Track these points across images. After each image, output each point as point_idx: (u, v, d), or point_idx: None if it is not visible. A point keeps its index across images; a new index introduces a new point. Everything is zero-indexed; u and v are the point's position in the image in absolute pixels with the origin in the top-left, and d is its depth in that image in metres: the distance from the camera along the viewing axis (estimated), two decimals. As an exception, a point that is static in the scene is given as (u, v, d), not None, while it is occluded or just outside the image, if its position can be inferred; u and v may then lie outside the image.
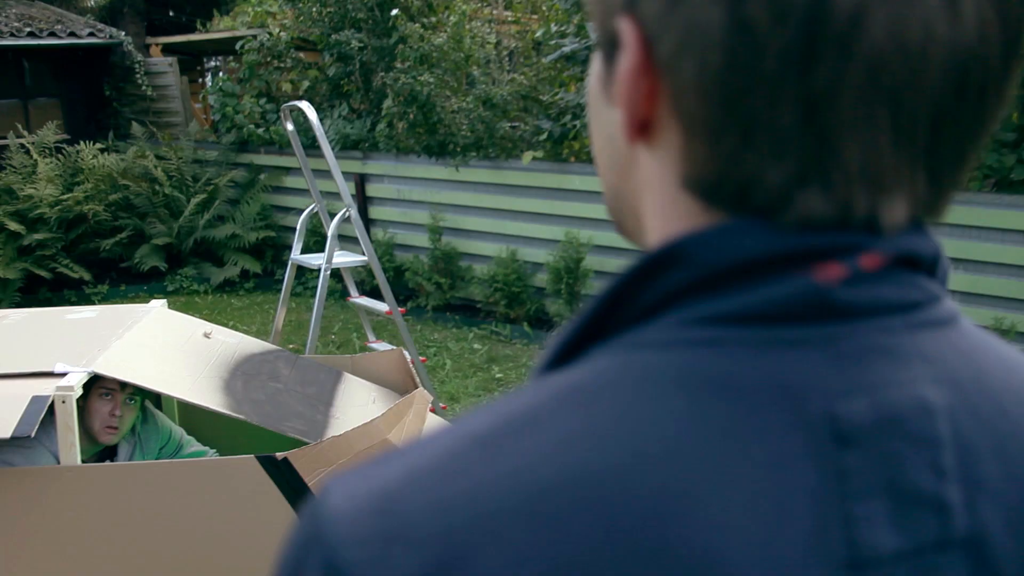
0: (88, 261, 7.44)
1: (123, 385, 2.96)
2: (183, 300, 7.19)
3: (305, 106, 4.31)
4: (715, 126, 0.41)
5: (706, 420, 0.40)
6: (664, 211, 0.46)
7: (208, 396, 2.94)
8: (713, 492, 0.38)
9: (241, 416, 2.89)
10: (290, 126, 4.61)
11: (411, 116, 6.60)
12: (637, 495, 0.38)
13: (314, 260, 4.43)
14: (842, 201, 0.41)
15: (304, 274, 6.89)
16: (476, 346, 5.99)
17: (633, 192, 0.48)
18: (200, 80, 10.00)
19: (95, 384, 2.96)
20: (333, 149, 6.99)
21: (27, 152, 7.75)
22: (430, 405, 4.16)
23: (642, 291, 0.43)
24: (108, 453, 3.11)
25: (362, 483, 0.41)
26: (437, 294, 6.59)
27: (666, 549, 0.37)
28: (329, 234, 4.35)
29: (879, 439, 0.40)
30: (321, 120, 7.18)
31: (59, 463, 2.80)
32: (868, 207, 0.41)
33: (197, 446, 3.37)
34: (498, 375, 5.46)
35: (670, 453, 0.39)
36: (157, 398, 3.59)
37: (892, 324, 0.42)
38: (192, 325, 3.43)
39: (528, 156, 6.08)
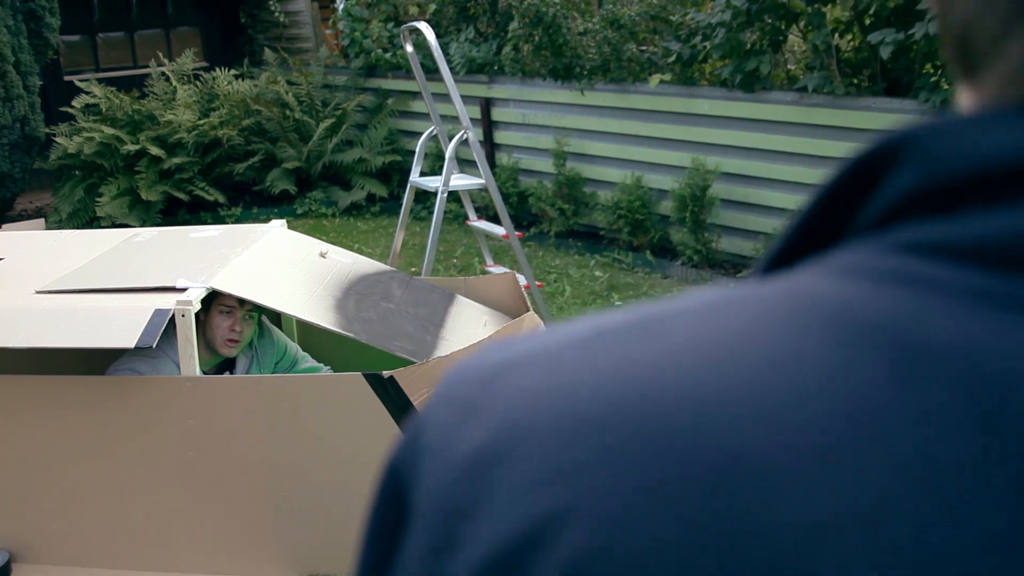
0: (223, 184, 7.68)
1: (242, 302, 3.03)
2: (311, 223, 7.35)
3: (424, 27, 4.27)
4: None
5: (844, 383, 0.30)
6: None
7: (320, 314, 2.98)
8: (825, 487, 0.29)
9: (351, 334, 2.93)
10: (409, 48, 4.58)
11: (536, 38, 6.47)
12: (692, 443, 0.31)
13: (432, 183, 4.42)
14: None
15: (428, 198, 6.93)
16: (597, 273, 5.92)
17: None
18: (331, 5, 10.07)
19: (215, 300, 3.05)
20: (458, 73, 6.95)
21: (167, 79, 8.01)
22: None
23: (859, 197, 0.35)
24: (227, 365, 3.20)
25: (494, 354, 0.39)
26: (560, 220, 6.53)
27: (746, 532, 0.29)
28: (447, 156, 4.33)
29: None
30: (447, 44, 7.14)
31: (180, 372, 2.90)
32: None
33: (312, 362, 3.44)
34: (618, 303, 5.39)
35: (782, 417, 0.30)
36: (277, 315, 3.67)
37: None
38: (309, 245, 3.48)
39: (655, 79, 5.89)
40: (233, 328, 3.07)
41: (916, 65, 4.94)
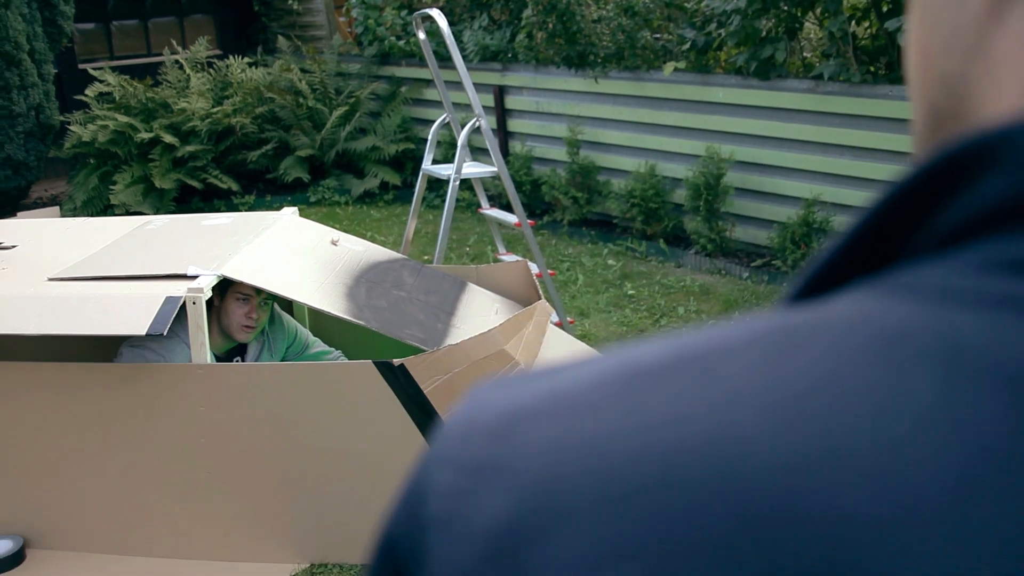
0: (236, 172, 7.69)
1: (258, 289, 3.04)
2: (324, 211, 7.35)
3: (436, 14, 4.25)
4: None
5: (964, 431, 0.25)
6: None
7: (331, 301, 2.98)
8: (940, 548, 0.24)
9: (362, 322, 2.92)
10: (422, 34, 4.56)
11: (550, 26, 6.44)
12: (793, 513, 0.25)
13: (444, 170, 4.40)
14: None
15: (442, 186, 6.91)
16: (610, 262, 5.90)
17: (980, 79, 0.31)
18: (345, -7, 10.05)
19: (232, 288, 3.06)
20: (471, 61, 6.92)
21: (181, 67, 8.01)
22: (556, 319, 4.12)
23: (939, 206, 0.29)
24: (238, 350, 3.21)
25: (498, 397, 0.32)
26: (573, 208, 6.50)
27: None
28: (459, 144, 4.31)
29: None
30: (460, 31, 7.11)
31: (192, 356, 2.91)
32: None
33: (322, 347, 3.45)
34: (630, 292, 5.37)
35: (899, 478, 0.25)
36: (288, 302, 3.67)
37: None
38: (320, 232, 3.47)
39: (670, 67, 5.85)
40: (249, 315, 3.09)
41: (934, 52, 4.88)
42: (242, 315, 3.08)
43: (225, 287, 3.05)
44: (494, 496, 0.29)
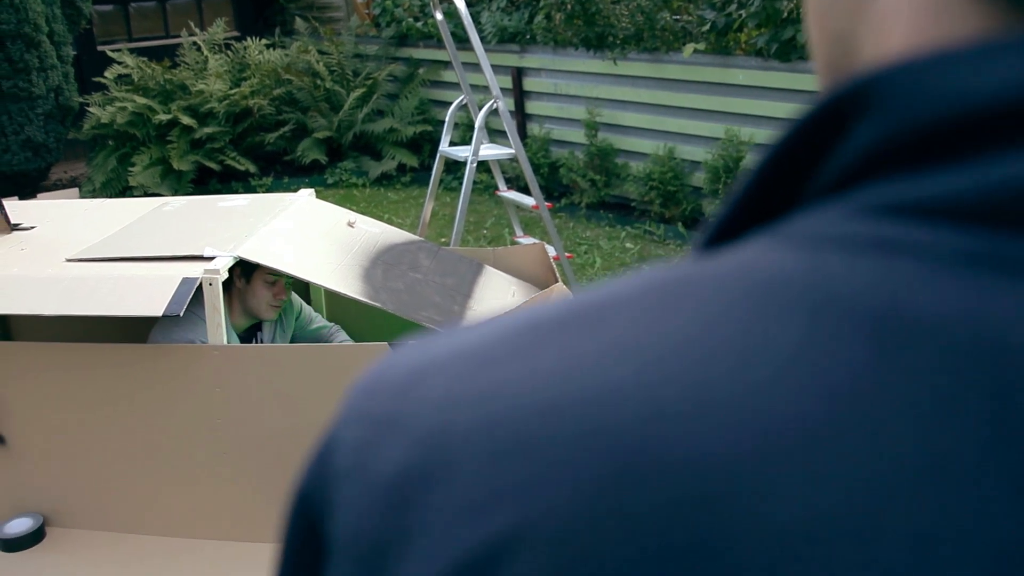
0: (254, 154, 7.69)
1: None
2: (342, 193, 7.35)
3: (454, -7, 4.22)
4: None
5: (822, 374, 0.26)
6: (919, 24, 0.29)
7: (348, 283, 2.97)
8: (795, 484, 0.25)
9: (378, 304, 2.91)
10: (439, 15, 4.54)
11: (569, 7, 6.39)
12: (658, 458, 0.26)
13: (462, 152, 4.38)
14: None
15: (459, 168, 6.90)
16: (628, 245, 5.87)
17: (866, 35, 0.32)
18: (363, -26, 10.02)
19: (258, 270, 3.09)
20: (489, 42, 6.89)
21: (199, 49, 8.01)
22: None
23: (821, 153, 0.30)
24: (256, 326, 3.26)
25: (410, 357, 0.34)
26: (591, 191, 6.47)
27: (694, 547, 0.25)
28: (476, 126, 4.29)
29: None
30: (478, 12, 7.07)
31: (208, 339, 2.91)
32: None
33: (322, 322, 3.52)
34: (648, 275, 5.34)
35: (752, 415, 0.26)
36: (305, 284, 3.68)
37: None
38: (337, 214, 3.46)
39: (689, 49, 5.80)
40: (278, 296, 3.18)
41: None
42: (271, 296, 3.16)
43: (251, 270, 3.10)
44: (392, 447, 0.31)
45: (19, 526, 3.12)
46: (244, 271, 3.08)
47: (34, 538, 3.12)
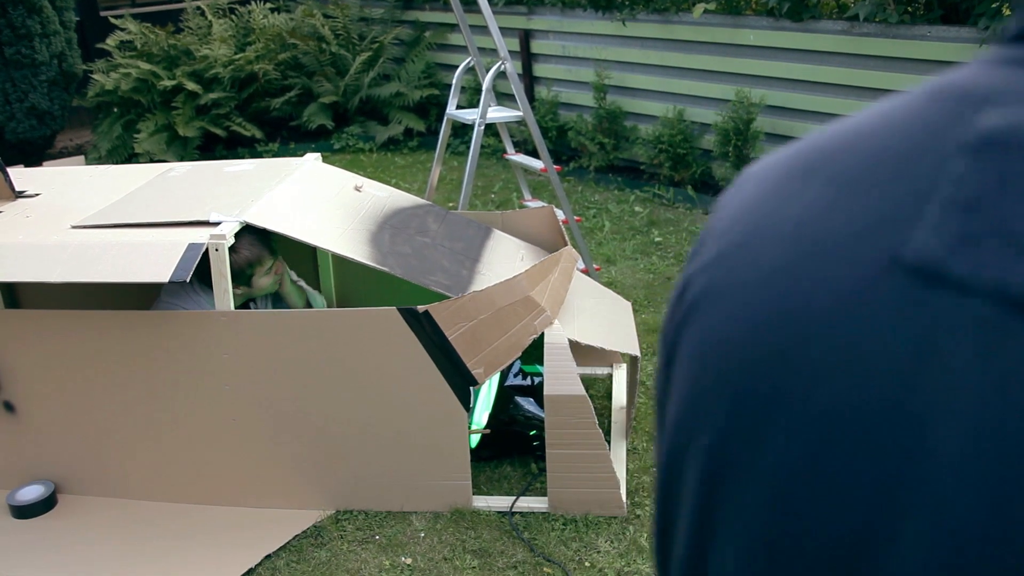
0: (260, 120, 7.63)
1: (275, 252, 3.07)
2: (349, 158, 7.29)
3: (460, -47, 4.14)
4: None
5: (911, 124, 0.40)
6: None
7: (355, 248, 2.94)
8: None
9: (386, 268, 2.88)
10: (446, -24, 4.46)
11: (576, -33, 6.30)
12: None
13: (469, 115, 4.33)
14: None
15: (466, 132, 6.83)
16: (637, 208, 5.82)
17: None
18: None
19: (257, 269, 3.14)
20: (497, 4, 6.79)
21: (203, 14, 7.93)
22: (582, 266, 4.06)
23: None
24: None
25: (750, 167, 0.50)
26: (600, 155, 6.41)
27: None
28: (484, 88, 4.23)
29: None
30: (484, -26, 6.96)
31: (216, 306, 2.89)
32: None
33: (300, 282, 3.45)
34: (657, 239, 5.30)
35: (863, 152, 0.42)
36: (312, 249, 3.64)
37: None
38: (343, 178, 3.42)
39: (699, 9, 5.70)
40: (276, 271, 3.24)
41: (974, -10, 4.72)
42: (270, 281, 3.21)
43: (251, 270, 3.13)
44: (709, 243, 0.48)
45: (30, 493, 3.13)
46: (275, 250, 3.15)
47: (46, 505, 3.12)
